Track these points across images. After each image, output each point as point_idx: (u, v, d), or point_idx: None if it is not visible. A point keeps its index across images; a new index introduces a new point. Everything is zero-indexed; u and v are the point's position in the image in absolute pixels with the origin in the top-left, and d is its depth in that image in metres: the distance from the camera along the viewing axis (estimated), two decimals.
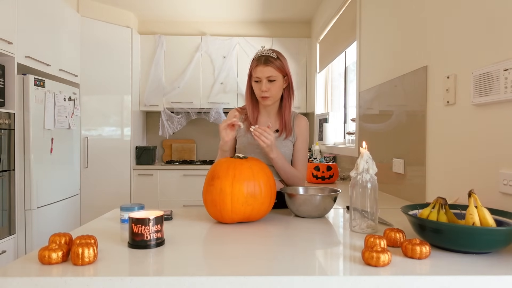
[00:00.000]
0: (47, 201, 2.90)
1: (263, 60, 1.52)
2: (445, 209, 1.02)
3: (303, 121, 1.66)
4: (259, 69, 1.52)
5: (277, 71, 1.53)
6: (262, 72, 1.51)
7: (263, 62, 1.52)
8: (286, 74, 1.58)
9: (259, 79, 1.53)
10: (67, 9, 3.33)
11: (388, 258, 0.82)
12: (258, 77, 1.53)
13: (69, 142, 3.28)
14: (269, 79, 1.52)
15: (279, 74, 1.54)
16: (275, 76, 1.52)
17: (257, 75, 1.53)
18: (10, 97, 2.53)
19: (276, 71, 1.52)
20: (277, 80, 1.54)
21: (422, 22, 1.71)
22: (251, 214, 1.22)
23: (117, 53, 3.82)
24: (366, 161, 1.13)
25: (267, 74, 1.51)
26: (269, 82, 1.53)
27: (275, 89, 1.54)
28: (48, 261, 0.83)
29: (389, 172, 2.06)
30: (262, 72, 1.52)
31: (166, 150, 4.51)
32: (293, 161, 1.65)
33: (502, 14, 1.19)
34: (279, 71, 1.53)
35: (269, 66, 1.51)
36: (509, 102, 1.15)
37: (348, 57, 3.42)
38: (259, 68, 1.52)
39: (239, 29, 4.52)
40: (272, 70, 1.52)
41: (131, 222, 0.96)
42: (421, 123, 1.70)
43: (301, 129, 1.64)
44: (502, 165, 1.18)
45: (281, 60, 1.55)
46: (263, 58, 1.53)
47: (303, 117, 1.67)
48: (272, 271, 0.79)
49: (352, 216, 1.15)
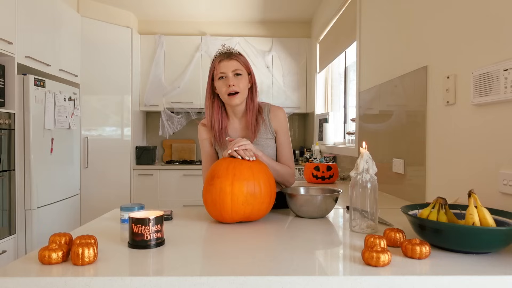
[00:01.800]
0: (47, 201, 2.90)
1: (226, 55, 1.44)
2: (445, 209, 1.02)
3: (279, 112, 1.53)
4: (224, 64, 1.42)
5: (242, 66, 1.45)
6: (227, 67, 1.41)
7: (227, 56, 1.43)
8: (250, 72, 1.49)
9: (225, 74, 1.42)
10: (67, 9, 3.33)
11: (388, 258, 0.82)
12: (224, 72, 1.42)
13: (69, 142, 3.28)
14: (236, 72, 1.42)
15: (244, 70, 1.45)
16: (241, 70, 1.43)
17: (222, 70, 1.42)
18: (10, 97, 2.53)
19: (241, 65, 1.44)
20: (243, 75, 1.45)
21: (422, 22, 1.71)
22: (251, 214, 1.22)
23: (117, 53, 3.82)
24: (366, 161, 1.13)
25: (232, 68, 1.42)
26: (236, 77, 1.42)
27: (242, 84, 1.43)
28: (48, 261, 0.83)
29: (389, 172, 2.06)
30: (226, 67, 1.41)
31: (166, 150, 4.51)
32: (278, 157, 1.54)
33: (502, 14, 1.19)
34: (244, 67, 1.45)
35: (233, 60, 1.43)
36: (509, 102, 1.15)
37: (348, 57, 3.42)
38: (224, 63, 1.42)
39: (239, 29, 4.52)
40: (237, 64, 1.43)
41: (131, 222, 0.96)
42: (421, 123, 1.70)
43: (280, 121, 1.52)
44: (502, 165, 1.18)
45: (243, 56, 1.47)
46: (226, 54, 1.44)
47: (279, 107, 1.55)
48: (272, 271, 0.79)
49: (352, 216, 1.15)
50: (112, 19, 3.96)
